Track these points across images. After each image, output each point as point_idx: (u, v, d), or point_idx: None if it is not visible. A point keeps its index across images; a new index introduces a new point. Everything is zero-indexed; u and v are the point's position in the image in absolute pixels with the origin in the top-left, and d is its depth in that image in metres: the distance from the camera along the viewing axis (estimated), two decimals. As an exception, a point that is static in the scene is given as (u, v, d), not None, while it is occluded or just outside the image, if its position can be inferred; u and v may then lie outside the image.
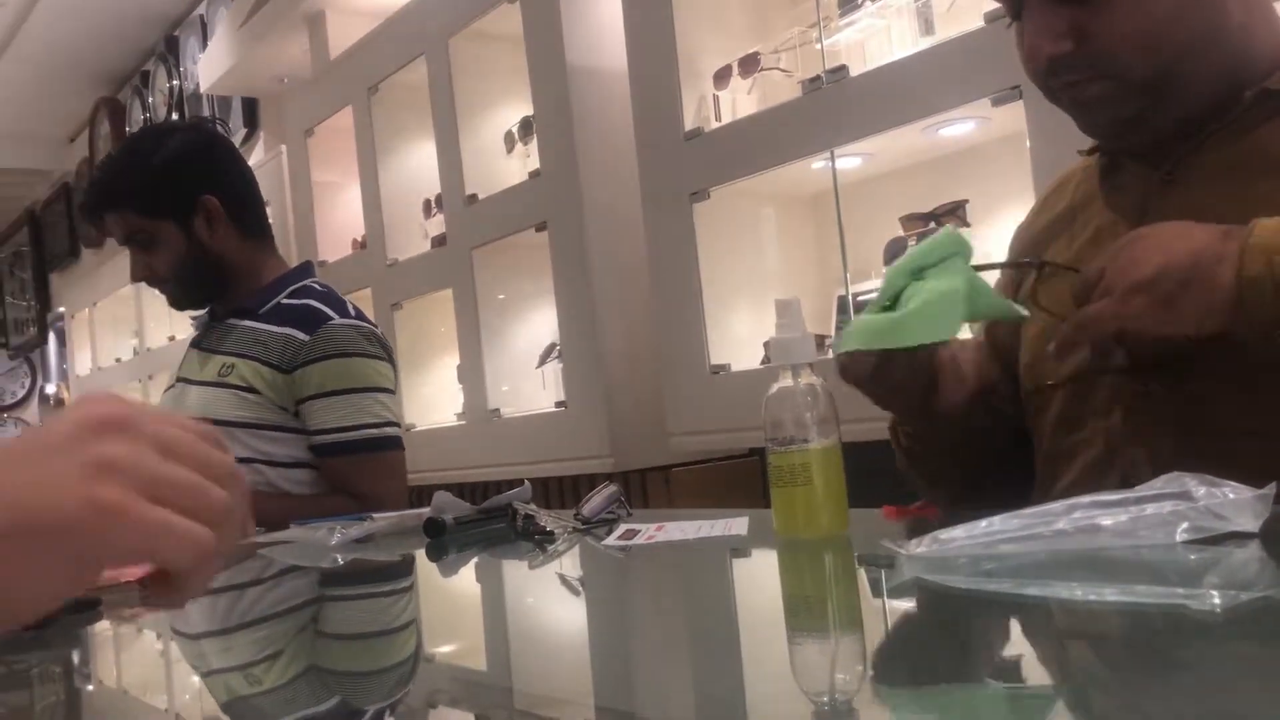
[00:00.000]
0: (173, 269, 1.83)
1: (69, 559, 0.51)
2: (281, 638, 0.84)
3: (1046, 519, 0.70)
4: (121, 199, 1.82)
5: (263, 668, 0.72)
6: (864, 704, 0.49)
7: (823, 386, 0.89)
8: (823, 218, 2.38)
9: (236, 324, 1.84)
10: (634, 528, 1.08)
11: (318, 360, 1.74)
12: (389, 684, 0.65)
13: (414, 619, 0.92)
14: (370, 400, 1.76)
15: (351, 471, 1.75)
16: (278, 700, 0.63)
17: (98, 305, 5.60)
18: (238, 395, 1.75)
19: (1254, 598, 0.58)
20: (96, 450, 0.52)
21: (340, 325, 1.78)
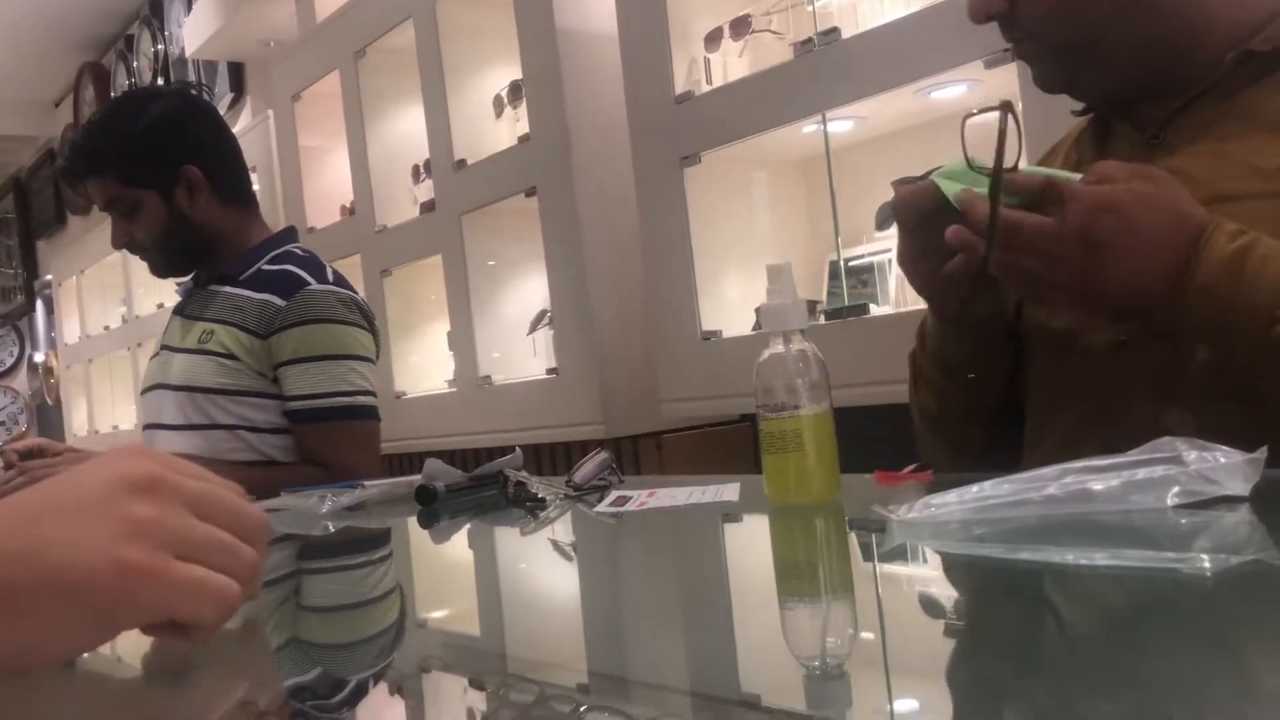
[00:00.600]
0: (153, 237, 1.82)
1: (93, 617, 0.52)
2: (265, 607, 0.84)
3: (1037, 484, 0.70)
4: (102, 166, 1.79)
5: (251, 633, 0.72)
6: (855, 668, 0.49)
7: (814, 352, 0.89)
8: (814, 182, 2.37)
9: (218, 290, 1.83)
10: (625, 494, 1.08)
11: (293, 325, 1.73)
12: (373, 652, 0.65)
13: (397, 586, 0.92)
14: (344, 368, 1.75)
15: (321, 440, 1.74)
16: (265, 667, 0.63)
17: (85, 272, 5.57)
18: (217, 362, 1.75)
19: (1244, 561, 0.59)
20: (128, 511, 0.53)
21: (317, 290, 1.76)
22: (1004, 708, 0.42)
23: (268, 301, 1.75)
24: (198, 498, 0.57)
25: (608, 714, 0.42)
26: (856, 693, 0.45)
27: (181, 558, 0.54)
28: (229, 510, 0.58)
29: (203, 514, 0.56)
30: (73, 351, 5.91)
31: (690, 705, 0.46)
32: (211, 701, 0.52)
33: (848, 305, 2.06)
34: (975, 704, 0.43)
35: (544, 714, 0.44)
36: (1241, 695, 0.40)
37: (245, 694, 0.54)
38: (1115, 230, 0.81)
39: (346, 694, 0.53)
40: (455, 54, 2.94)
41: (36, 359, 7.24)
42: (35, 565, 0.50)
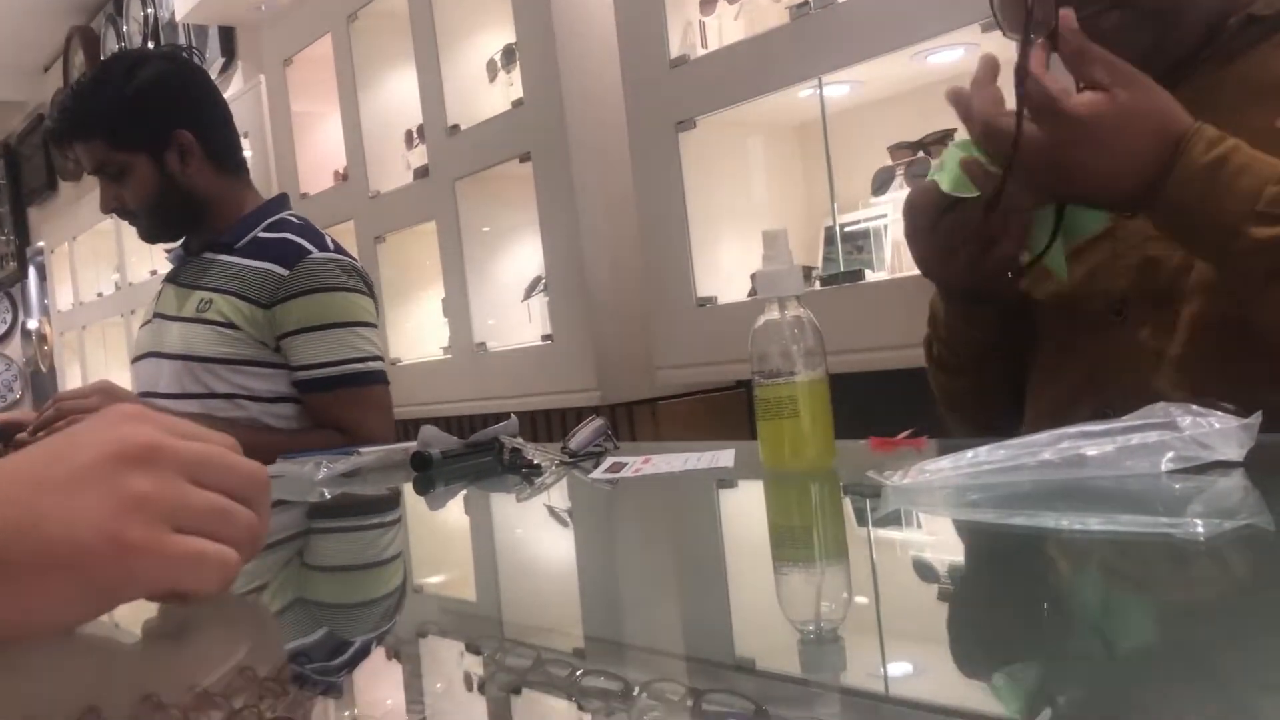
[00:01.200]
0: (143, 202, 1.80)
1: (89, 590, 0.52)
2: (268, 570, 0.84)
3: (1032, 449, 0.70)
4: (91, 129, 1.77)
5: (251, 599, 0.72)
6: (849, 632, 0.49)
7: (809, 319, 0.89)
8: (810, 147, 2.36)
9: (213, 259, 1.82)
10: (621, 460, 1.08)
11: (297, 295, 1.72)
12: (371, 618, 0.66)
13: (401, 551, 0.92)
14: (352, 335, 1.75)
15: (336, 406, 1.75)
16: (263, 632, 0.63)
17: (77, 239, 5.54)
18: (217, 331, 1.74)
19: (1237, 526, 0.59)
20: (124, 484, 0.52)
21: (319, 259, 1.76)
22: (997, 672, 0.43)
23: (269, 271, 1.74)
24: (195, 462, 0.56)
25: (604, 678, 0.42)
26: (851, 656, 0.45)
27: (179, 529, 0.54)
28: (228, 471, 0.58)
29: (201, 478, 0.56)
30: (66, 318, 5.89)
31: (685, 669, 0.46)
32: (208, 666, 0.52)
33: (843, 271, 2.06)
34: (968, 668, 0.44)
35: (540, 678, 0.44)
36: (1233, 659, 0.40)
37: (243, 659, 0.54)
38: (1080, 148, 0.82)
39: (344, 659, 0.53)
40: (448, 17, 2.91)
41: (30, 326, 7.22)
42: (32, 539, 0.50)
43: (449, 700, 0.45)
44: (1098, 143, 0.82)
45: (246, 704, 0.42)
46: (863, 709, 0.40)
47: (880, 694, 0.42)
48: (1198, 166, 0.81)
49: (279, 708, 0.43)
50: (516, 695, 0.43)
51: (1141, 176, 0.83)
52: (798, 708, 0.40)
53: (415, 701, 0.46)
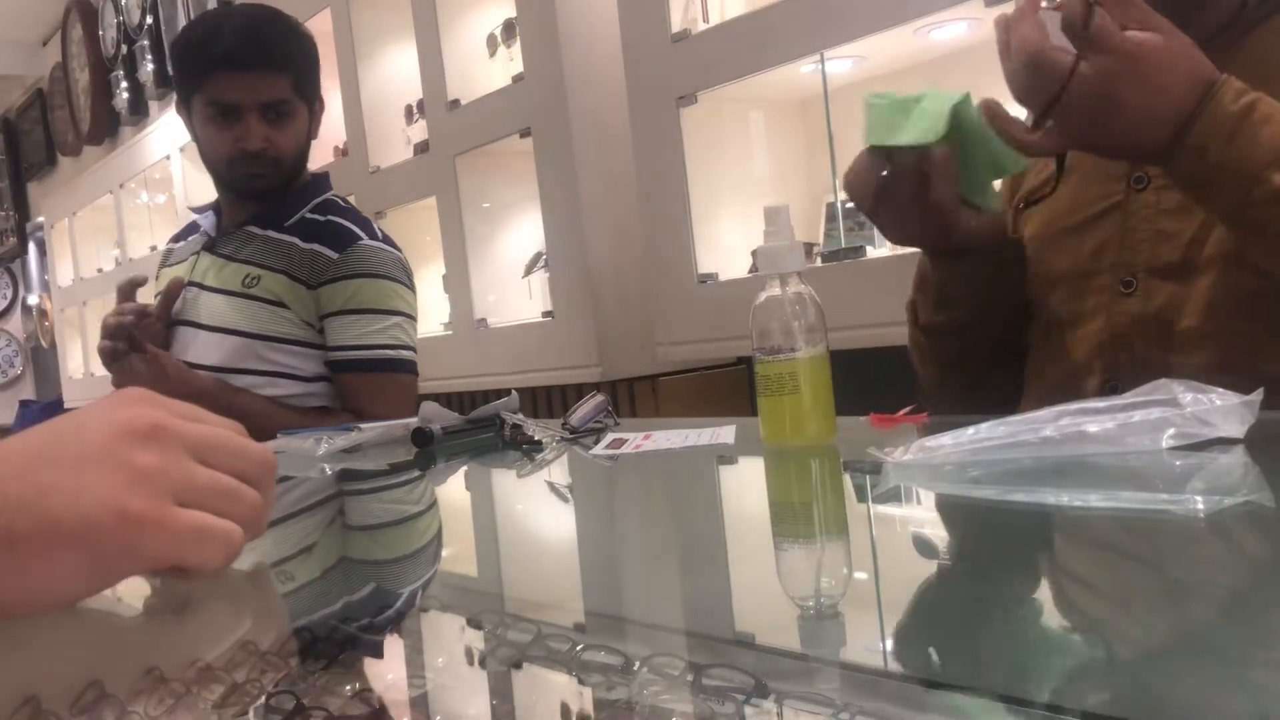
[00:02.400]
0: (293, 153, 1.81)
1: (95, 564, 0.52)
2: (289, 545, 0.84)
3: (1033, 426, 0.70)
4: (288, 63, 1.76)
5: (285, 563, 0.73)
6: (849, 608, 0.49)
7: (811, 295, 0.89)
8: (812, 123, 2.35)
9: (258, 234, 1.81)
10: (622, 436, 1.08)
11: (344, 278, 1.75)
12: (378, 591, 0.66)
13: (394, 527, 0.93)
14: (390, 323, 1.78)
15: (361, 389, 1.77)
16: (274, 605, 0.63)
17: (77, 215, 5.52)
18: (265, 308, 1.75)
19: (1237, 503, 0.59)
20: (131, 460, 0.53)
21: (369, 245, 1.79)
22: (997, 648, 0.43)
23: (318, 253, 1.76)
24: (200, 443, 0.57)
25: (604, 653, 0.42)
26: (850, 632, 0.46)
27: (184, 504, 0.54)
28: (233, 453, 0.58)
29: (206, 459, 0.57)
30: (66, 294, 5.88)
31: (685, 644, 0.47)
32: (211, 641, 0.52)
33: (844, 248, 2.05)
34: (968, 645, 0.44)
35: (541, 652, 0.44)
36: (1233, 636, 0.40)
37: (245, 634, 0.54)
38: (1129, 84, 0.81)
39: (345, 634, 0.53)
40: (448, -9, 2.89)
41: (30, 302, 7.21)
42: (37, 512, 0.50)
43: (450, 675, 0.46)
44: (1143, 80, 0.81)
45: (248, 678, 0.43)
46: (862, 684, 0.40)
47: (879, 669, 0.42)
48: (1226, 113, 0.80)
49: (281, 682, 0.43)
50: (517, 670, 0.43)
51: (1171, 122, 0.82)
52: (797, 682, 0.40)
53: (417, 676, 0.46)
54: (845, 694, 0.38)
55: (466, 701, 0.43)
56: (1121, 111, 0.82)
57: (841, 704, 0.35)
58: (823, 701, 0.36)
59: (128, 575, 0.54)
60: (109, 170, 5.03)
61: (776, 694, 0.37)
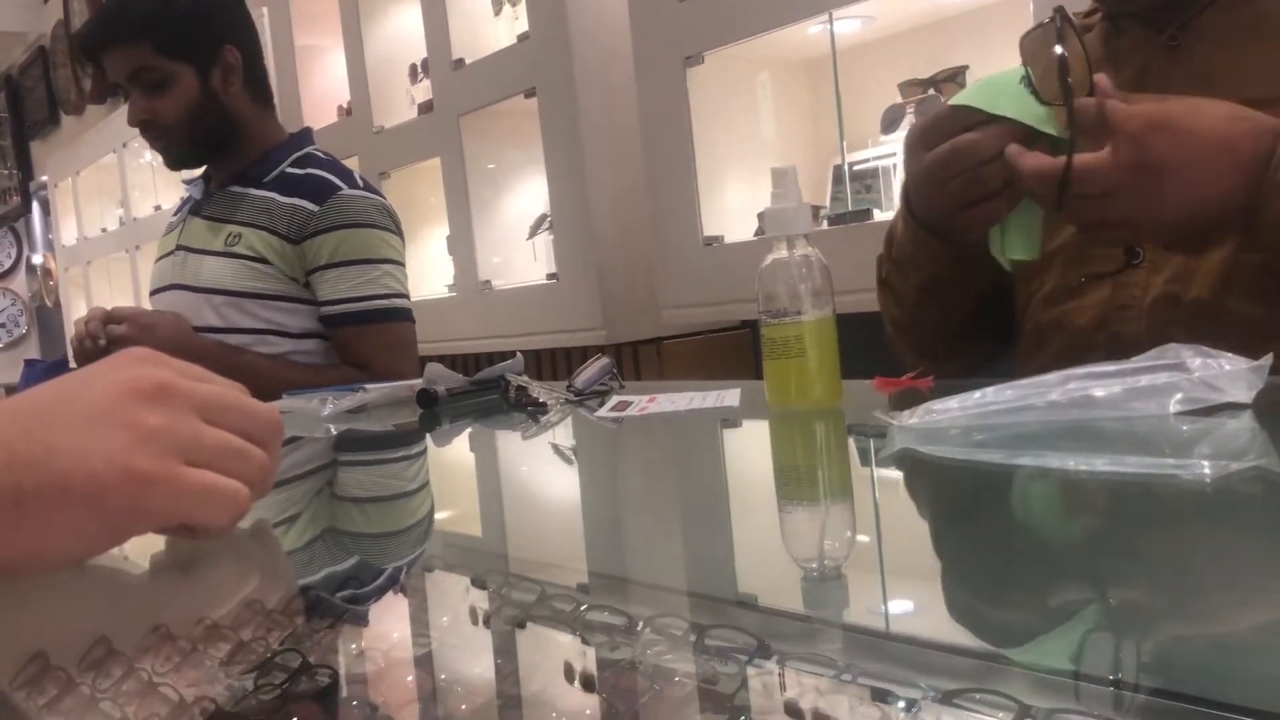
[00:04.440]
0: (180, 119, 1.76)
1: (103, 523, 0.52)
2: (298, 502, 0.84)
3: (1040, 390, 0.70)
4: (141, 30, 1.71)
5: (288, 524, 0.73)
6: (852, 570, 0.49)
7: (817, 258, 0.88)
8: (819, 84, 2.33)
9: (240, 193, 1.81)
10: (626, 399, 1.08)
11: (327, 231, 1.73)
12: (384, 551, 0.66)
13: (401, 488, 0.93)
14: (380, 272, 1.76)
15: (360, 342, 1.75)
16: (280, 563, 0.63)
17: (81, 174, 5.50)
18: (248, 265, 1.74)
19: (1244, 468, 0.59)
20: (137, 419, 0.53)
21: (350, 195, 1.76)
22: (1001, 612, 0.43)
23: (299, 206, 1.74)
24: (207, 402, 0.57)
25: (608, 613, 0.42)
26: (853, 594, 0.46)
27: (191, 463, 0.54)
28: (240, 412, 0.58)
29: (213, 418, 0.57)
30: (71, 253, 5.87)
31: (688, 605, 0.47)
32: (217, 599, 0.52)
33: (851, 210, 2.04)
34: (972, 607, 0.44)
35: (545, 612, 0.44)
36: (1238, 601, 0.40)
37: (251, 592, 0.54)
38: (1171, 149, 0.77)
39: (351, 593, 0.54)
40: (452, -52, 2.86)
41: (35, 261, 7.21)
42: (45, 471, 0.51)
43: (455, 634, 0.46)
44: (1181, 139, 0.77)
45: (254, 636, 0.43)
46: (864, 646, 0.40)
47: (882, 631, 0.42)
48: None
49: (287, 640, 0.43)
50: (521, 629, 0.43)
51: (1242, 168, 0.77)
52: (800, 644, 0.40)
53: (421, 635, 0.46)
54: (848, 655, 0.38)
55: (471, 661, 0.43)
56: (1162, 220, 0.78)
57: (844, 665, 0.35)
58: (825, 663, 0.36)
59: (135, 534, 0.55)
60: (112, 129, 5.00)
61: (779, 655, 0.37)
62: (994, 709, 0.31)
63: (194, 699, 0.37)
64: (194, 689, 0.38)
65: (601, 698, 0.37)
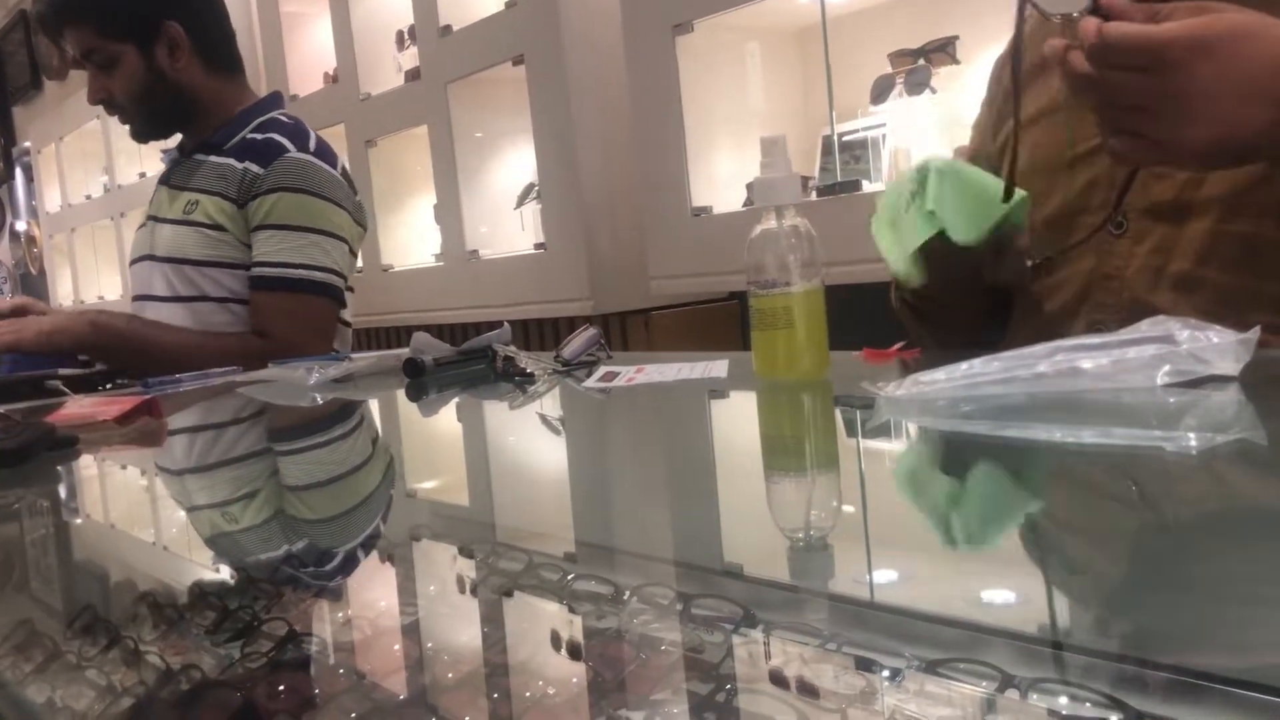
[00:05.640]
0: (130, 96, 1.76)
1: None
2: (258, 477, 0.84)
3: (1027, 362, 0.70)
4: (80, 13, 1.72)
5: (239, 506, 0.73)
6: (838, 540, 0.49)
7: (806, 228, 0.88)
8: (809, 54, 2.32)
9: (204, 160, 1.79)
10: (614, 370, 1.08)
11: (267, 193, 1.69)
12: (364, 522, 0.66)
13: (387, 458, 0.93)
14: (309, 241, 1.70)
15: (268, 309, 1.69)
16: (255, 538, 0.63)
17: (64, 140, 5.44)
18: (203, 234, 1.72)
19: (1230, 440, 0.59)
20: None
21: (295, 159, 1.71)
22: (985, 582, 0.43)
23: (248, 169, 1.71)
24: None
25: (594, 582, 0.42)
26: (839, 564, 0.46)
27: None
28: None
29: None
30: (55, 220, 5.82)
31: (674, 574, 0.47)
32: (203, 569, 0.52)
33: (840, 181, 2.03)
34: (956, 578, 0.44)
35: (532, 581, 0.44)
36: (1221, 572, 0.40)
37: (238, 562, 0.54)
38: (1213, 78, 0.74)
39: (338, 562, 0.54)
40: (440, -87, 2.83)
41: (19, 228, 7.15)
42: None
43: (442, 602, 0.46)
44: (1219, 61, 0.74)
45: (241, 604, 0.43)
46: (849, 615, 0.40)
47: (866, 600, 0.42)
48: None
49: (273, 609, 0.43)
50: (508, 598, 0.43)
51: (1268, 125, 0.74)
52: (785, 613, 0.40)
53: (409, 604, 0.46)
54: (833, 625, 0.38)
55: (458, 629, 0.43)
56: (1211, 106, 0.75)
57: (829, 634, 0.36)
58: (810, 632, 0.36)
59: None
60: (95, 95, 4.94)
61: (765, 624, 0.37)
62: (977, 678, 0.31)
63: (180, 667, 0.37)
64: (180, 657, 0.38)
65: (588, 666, 0.37)
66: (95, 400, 1.18)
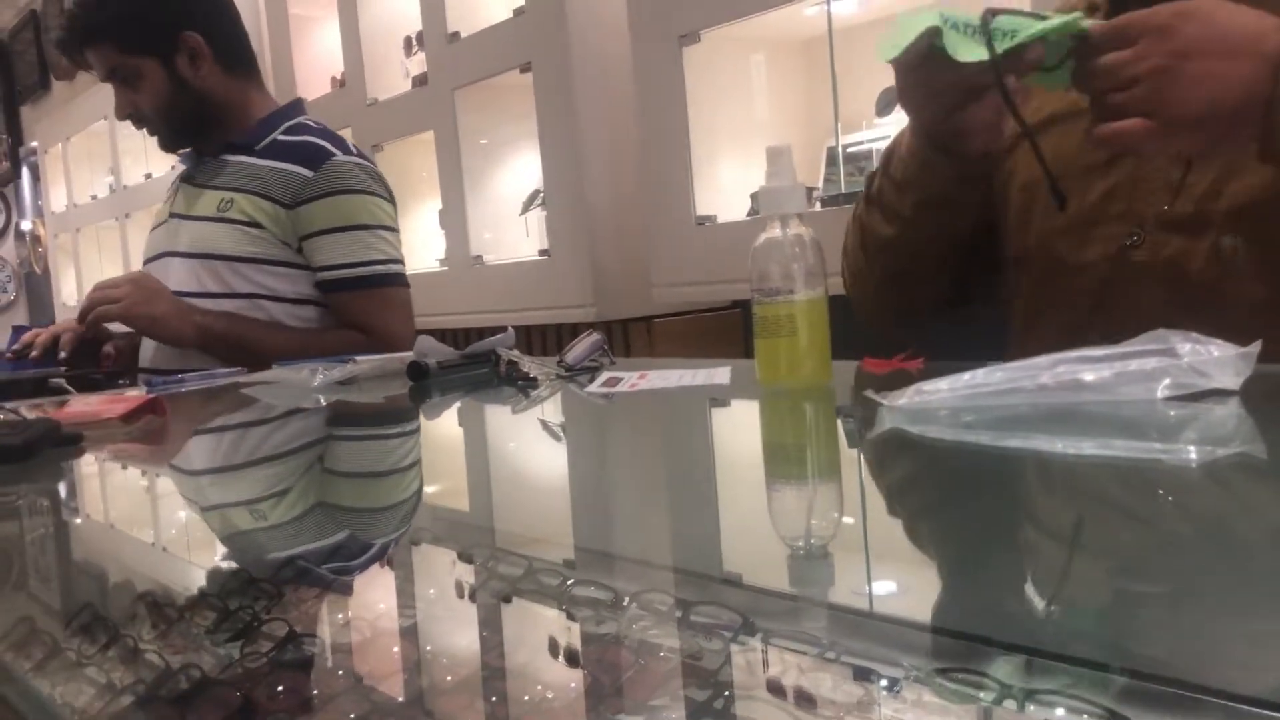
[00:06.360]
0: (157, 108, 1.79)
1: None
2: (290, 474, 0.84)
3: (1030, 373, 0.70)
4: (99, 34, 1.76)
5: (278, 495, 0.73)
6: (838, 549, 0.50)
7: (811, 237, 0.88)
8: (815, 65, 2.32)
9: (231, 160, 1.81)
10: (617, 375, 1.08)
11: (322, 197, 1.73)
12: (371, 524, 0.66)
13: (389, 461, 0.93)
14: (375, 237, 1.77)
15: (359, 307, 1.77)
16: (258, 538, 0.63)
17: (71, 140, 5.46)
18: (240, 230, 1.74)
19: (1230, 454, 0.59)
20: None
21: (344, 161, 1.77)
22: (984, 593, 0.43)
23: (293, 172, 1.74)
24: None
25: (594, 588, 0.42)
26: (838, 573, 0.46)
27: None
28: None
29: None
30: (60, 220, 5.83)
31: (674, 581, 0.47)
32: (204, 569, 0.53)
33: (845, 192, 2.04)
34: (955, 588, 0.44)
35: (532, 587, 0.44)
36: (1220, 586, 0.40)
37: (238, 563, 0.54)
38: (1197, 36, 0.77)
39: (338, 565, 0.54)
40: (449, -81, 2.83)
41: (24, 227, 7.16)
42: None
43: (441, 606, 0.46)
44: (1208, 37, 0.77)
45: (241, 605, 0.43)
46: (848, 624, 0.40)
47: (866, 610, 0.42)
48: None
49: (273, 609, 0.43)
50: (507, 603, 0.43)
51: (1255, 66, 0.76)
52: (785, 621, 0.40)
53: (408, 607, 0.46)
54: (832, 633, 0.38)
55: (456, 633, 0.43)
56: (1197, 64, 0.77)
57: (828, 643, 0.36)
58: (809, 640, 0.36)
59: None
60: (103, 96, 4.94)
61: (764, 632, 0.37)
62: (975, 688, 0.31)
63: (180, 666, 0.37)
64: (180, 656, 0.38)
65: (586, 672, 0.37)
66: (100, 398, 1.19)
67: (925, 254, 1.08)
